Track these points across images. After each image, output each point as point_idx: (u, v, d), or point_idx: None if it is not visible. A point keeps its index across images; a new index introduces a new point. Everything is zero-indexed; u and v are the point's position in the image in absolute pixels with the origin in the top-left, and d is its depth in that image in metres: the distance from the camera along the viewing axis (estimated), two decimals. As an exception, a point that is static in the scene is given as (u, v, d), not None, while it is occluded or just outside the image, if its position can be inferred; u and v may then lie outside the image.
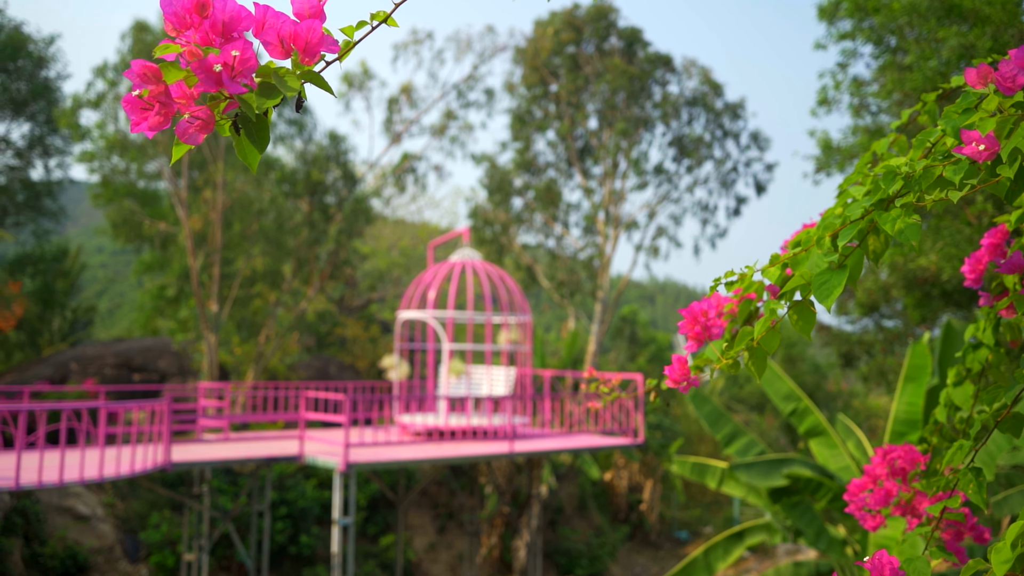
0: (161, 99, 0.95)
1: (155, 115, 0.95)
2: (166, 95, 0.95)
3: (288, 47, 1.01)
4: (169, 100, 0.95)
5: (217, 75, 0.95)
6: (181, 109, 0.96)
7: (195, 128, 0.96)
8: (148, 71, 0.94)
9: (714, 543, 11.51)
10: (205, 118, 0.96)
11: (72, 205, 37.43)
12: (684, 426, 27.11)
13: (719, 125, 26.69)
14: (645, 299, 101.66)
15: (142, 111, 0.95)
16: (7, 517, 13.62)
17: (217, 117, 0.97)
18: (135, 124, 0.97)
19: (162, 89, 0.95)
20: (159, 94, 0.95)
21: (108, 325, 45.74)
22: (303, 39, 1.01)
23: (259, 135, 1.01)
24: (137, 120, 0.96)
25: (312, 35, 1.02)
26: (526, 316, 14.30)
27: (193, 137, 0.97)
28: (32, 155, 27.73)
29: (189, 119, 0.96)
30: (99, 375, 19.12)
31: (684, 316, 1.38)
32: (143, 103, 0.95)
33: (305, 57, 1.01)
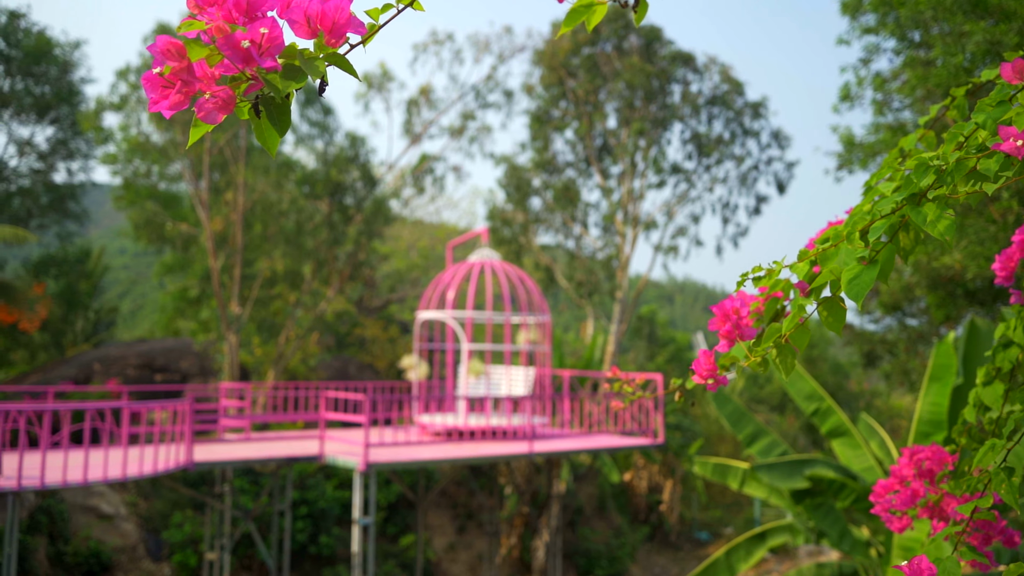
0: (183, 76, 0.93)
1: (176, 93, 0.93)
2: (188, 72, 0.93)
3: (315, 27, 0.99)
4: (191, 78, 0.93)
5: (245, 52, 0.92)
6: (202, 88, 0.94)
7: (214, 106, 0.94)
8: (171, 47, 0.92)
9: (736, 544, 11.43)
10: (225, 97, 0.94)
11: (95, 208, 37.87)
12: (704, 426, 26.97)
13: (739, 123, 26.52)
14: (664, 299, 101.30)
15: (162, 89, 0.93)
16: (32, 516, 13.78)
17: (237, 98, 0.95)
18: (154, 103, 0.94)
19: (185, 66, 0.92)
20: (181, 71, 0.92)
21: (130, 326, 46.20)
22: (331, 19, 0.99)
23: (280, 118, 0.99)
24: (156, 98, 0.94)
25: (340, 15, 0.99)
26: (545, 316, 14.27)
27: (212, 116, 0.95)
28: (56, 158, 28.07)
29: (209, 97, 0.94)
30: (122, 375, 19.31)
31: (715, 313, 1.35)
32: (164, 81, 0.93)
33: (331, 38, 0.99)
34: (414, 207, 25.67)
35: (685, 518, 24.09)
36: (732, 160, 26.36)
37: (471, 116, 21.35)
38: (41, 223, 28.11)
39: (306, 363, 19.96)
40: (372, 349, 23.83)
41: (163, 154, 17.98)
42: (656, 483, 22.89)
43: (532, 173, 26.42)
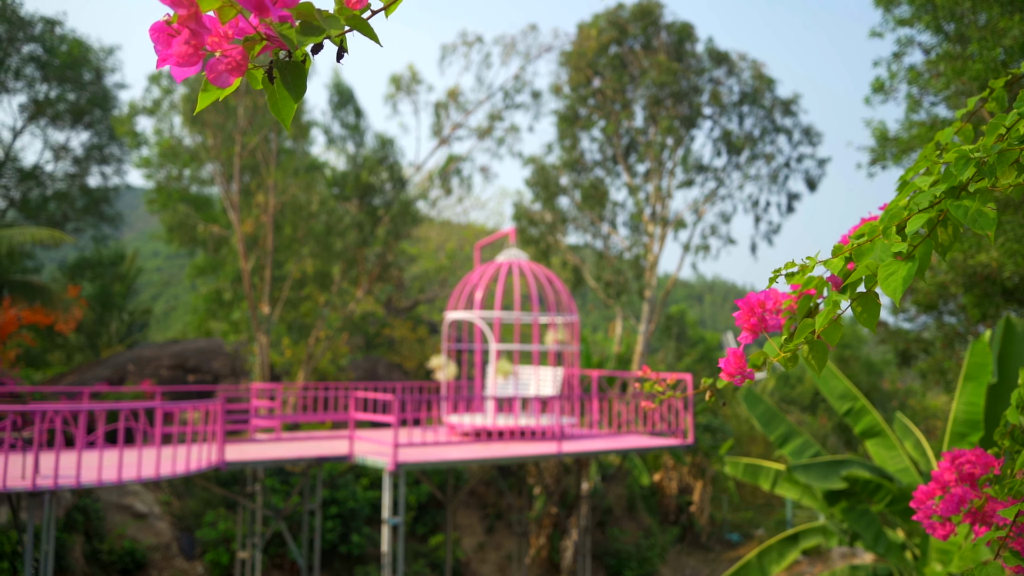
0: (191, 25, 0.87)
1: (182, 43, 0.87)
2: (196, 20, 0.87)
3: None
4: (200, 27, 0.87)
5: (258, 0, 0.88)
6: (212, 47, 0.88)
7: (225, 67, 0.89)
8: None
9: (768, 546, 11.30)
10: (238, 58, 0.89)
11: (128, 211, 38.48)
12: (734, 427, 26.74)
13: (770, 120, 26.24)
14: (693, 298, 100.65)
15: (169, 38, 0.88)
16: (69, 514, 14.02)
17: (251, 63, 0.91)
18: (161, 57, 0.88)
19: (192, 13, 0.87)
20: (189, 18, 0.87)
21: (164, 327, 46.88)
22: None
23: (295, 82, 0.93)
24: (164, 52, 0.88)
25: None
26: (573, 316, 14.23)
27: (223, 78, 0.90)
28: (90, 162, 28.58)
29: (220, 57, 0.89)
30: (155, 376, 19.58)
31: (740, 307, 1.32)
32: (171, 30, 0.87)
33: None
34: (442, 208, 25.75)
35: (716, 519, 23.89)
36: (763, 157, 26.09)
37: (499, 117, 21.35)
38: (77, 226, 28.64)
39: (336, 363, 20.09)
40: (401, 350, 23.93)
41: (195, 157, 18.20)
42: (686, 484, 22.73)
43: (560, 172, 26.37)
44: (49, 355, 26.55)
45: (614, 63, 25.68)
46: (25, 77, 26.81)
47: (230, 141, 17.28)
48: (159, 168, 18.81)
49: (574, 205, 26.57)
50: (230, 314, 19.34)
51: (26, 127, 27.40)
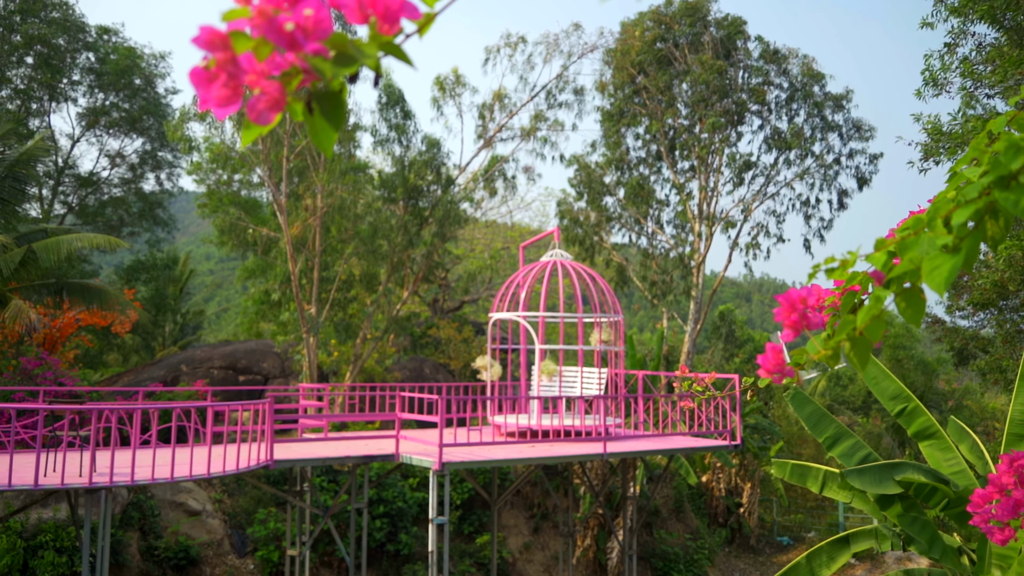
0: (228, 68, 0.89)
1: (222, 87, 0.90)
2: (233, 64, 0.89)
3: (366, 12, 0.96)
4: (237, 70, 0.89)
5: (289, 35, 0.89)
6: (251, 85, 0.90)
7: (265, 104, 0.92)
8: (215, 38, 0.89)
9: (818, 549, 11.09)
10: (276, 94, 0.92)
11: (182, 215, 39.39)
12: (784, 428, 26.30)
13: (820, 116, 25.75)
14: (741, 297, 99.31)
15: (208, 83, 0.90)
16: (125, 511, 14.39)
17: (289, 96, 0.93)
18: (203, 101, 0.92)
19: (228, 58, 0.89)
20: (226, 62, 0.89)
21: (216, 329, 47.88)
22: (382, 3, 0.96)
23: (334, 112, 0.95)
24: (204, 95, 0.91)
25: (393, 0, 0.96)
26: (618, 316, 14.14)
27: (264, 116, 0.92)
28: (145, 168, 29.34)
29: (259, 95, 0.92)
30: (207, 376, 19.99)
31: (780, 303, 1.29)
32: (209, 74, 0.91)
33: (384, 24, 0.95)
34: (486, 209, 25.83)
35: (765, 521, 23.53)
36: (813, 154, 25.61)
37: (542, 117, 21.33)
38: (132, 231, 29.43)
39: (382, 364, 20.27)
40: (447, 350, 24.06)
41: (244, 161, 18.54)
42: (735, 485, 22.43)
43: (604, 171, 26.25)
44: (106, 356, 27.32)
45: (659, 60, 25.46)
46: (82, 85, 27.64)
47: (278, 144, 17.56)
48: (210, 173, 19.20)
49: (618, 204, 26.41)
50: (279, 315, 19.66)
51: (83, 135, 28.24)
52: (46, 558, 12.64)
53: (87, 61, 27.40)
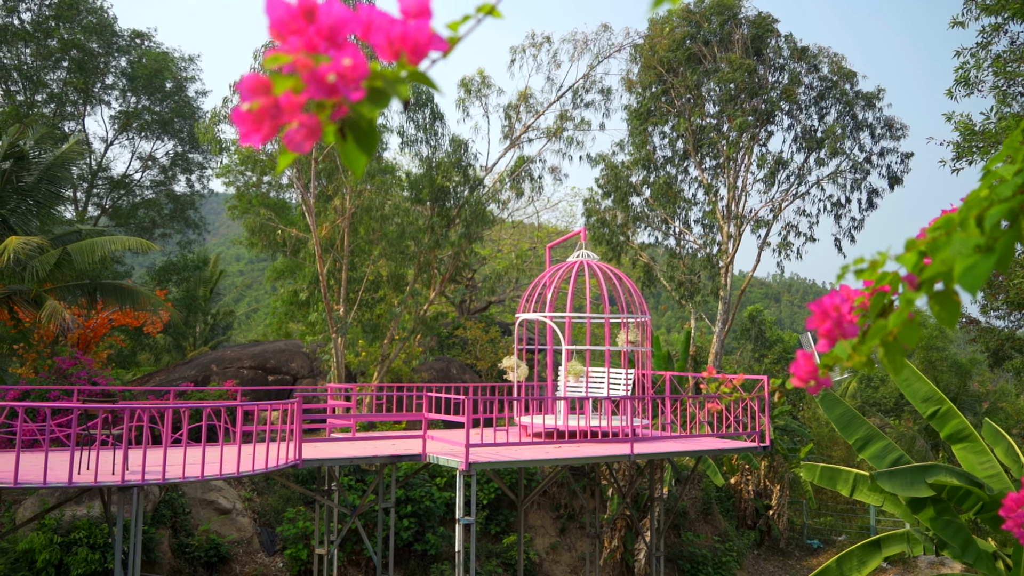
0: (271, 112, 0.95)
1: (265, 127, 0.96)
2: (275, 108, 0.95)
3: (396, 48, 0.99)
4: (278, 112, 0.95)
5: (332, 85, 0.94)
6: (288, 118, 0.96)
7: (302, 136, 0.96)
8: (258, 85, 0.94)
9: (848, 552, 10.95)
10: (312, 126, 0.96)
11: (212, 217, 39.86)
12: (814, 430, 26.01)
13: (851, 115, 25.44)
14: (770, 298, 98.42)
15: (253, 124, 0.96)
16: (157, 509, 14.59)
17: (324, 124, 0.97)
18: (244, 136, 0.97)
19: (272, 102, 0.95)
20: (269, 107, 0.95)
21: (246, 329, 48.39)
22: (412, 40, 0.99)
23: (366, 141, 1.00)
24: (246, 132, 0.97)
25: (421, 35, 0.99)
26: (645, 317, 14.08)
27: (300, 145, 0.97)
28: (175, 170, 29.76)
29: (297, 127, 0.96)
30: (237, 376, 20.21)
31: (813, 311, 1.27)
32: (253, 116, 0.96)
33: (412, 57, 0.99)
34: (513, 209, 25.83)
35: (795, 524, 23.29)
36: (843, 153, 25.30)
37: (569, 117, 21.29)
38: (163, 232, 29.86)
39: (409, 364, 20.35)
40: (473, 350, 24.11)
41: (273, 163, 18.71)
42: (763, 487, 22.22)
43: (630, 170, 26.13)
44: (138, 355, 27.73)
45: (688, 59, 25.29)
46: (115, 89, 28.09)
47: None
48: (239, 175, 19.42)
49: (645, 203, 26.29)
50: (308, 315, 19.82)
51: (116, 138, 28.70)
52: (80, 554, 12.85)
53: (120, 65, 27.85)
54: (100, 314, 18.93)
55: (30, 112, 24.66)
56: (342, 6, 1.01)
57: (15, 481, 8.41)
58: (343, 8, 1.02)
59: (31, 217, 16.21)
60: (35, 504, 13.63)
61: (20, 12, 25.76)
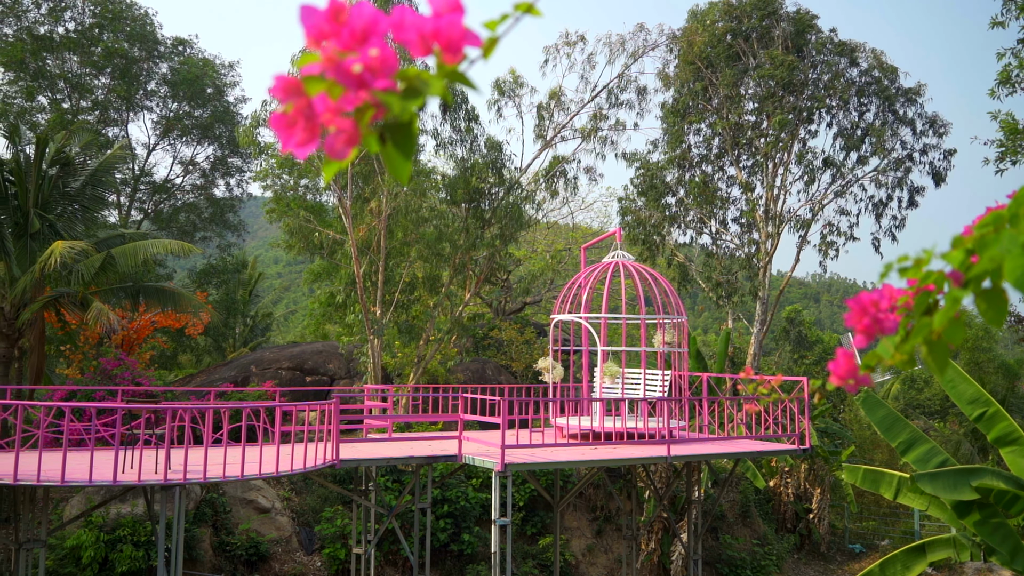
0: (305, 113, 0.95)
1: (301, 130, 0.96)
2: (309, 108, 0.95)
3: (429, 44, 1.00)
4: (313, 114, 0.96)
5: (358, 76, 0.94)
6: (326, 123, 0.96)
7: (342, 142, 0.97)
8: (290, 85, 0.95)
9: (892, 557, 10.75)
10: (351, 131, 0.97)
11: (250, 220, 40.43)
12: (856, 432, 25.58)
13: (892, 112, 24.98)
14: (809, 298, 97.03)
15: (288, 127, 0.97)
16: (198, 508, 14.82)
17: (363, 130, 0.97)
18: (284, 143, 0.98)
19: (305, 103, 0.95)
20: (302, 108, 0.95)
21: (284, 331, 48.98)
22: (445, 36, 0.99)
23: (405, 143, 1.00)
24: (285, 139, 0.97)
25: (454, 31, 1.00)
26: (681, 317, 13.96)
27: (341, 152, 0.98)
28: (215, 175, 30.24)
29: (335, 133, 0.97)
30: (276, 377, 20.46)
31: (851, 307, 1.25)
32: (288, 119, 0.96)
33: (447, 55, 0.99)
34: (548, 210, 25.80)
35: (836, 528, 22.91)
36: (885, 150, 24.85)
37: (603, 116, 21.21)
38: (204, 235, 30.35)
39: (445, 365, 20.43)
40: (509, 351, 24.12)
41: (311, 166, 18.93)
42: (804, 490, 21.90)
43: (666, 169, 25.94)
44: (180, 357, 28.21)
45: (727, 55, 25.03)
46: (157, 95, 28.64)
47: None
48: (277, 178, 19.67)
49: (680, 203, 26.08)
50: (344, 317, 20.00)
51: (158, 143, 29.26)
52: (124, 552, 13.11)
53: (162, 72, 28.38)
54: (143, 316, 19.30)
55: (75, 119, 25.23)
56: (372, 7, 1.02)
57: (62, 479, 8.60)
58: (373, 9, 1.02)
59: (77, 222, 16.58)
60: (81, 502, 13.94)
61: (65, 21, 26.38)
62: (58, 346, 20.22)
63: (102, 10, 26.44)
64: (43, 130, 22.50)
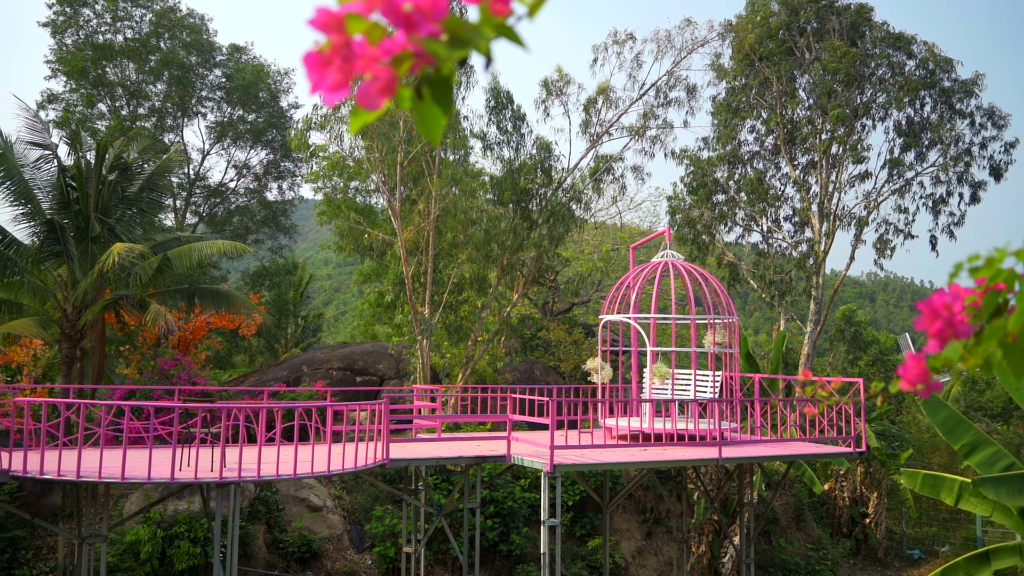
0: (342, 52, 0.91)
1: (335, 71, 0.92)
2: (347, 48, 0.91)
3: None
4: (350, 54, 0.91)
5: (407, 16, 0.90)
6: (362, 70, 0.92)
7: (376, 89, 0.93)
8: (330, 19, 0.91)
9: (953, 564, 10.43)
10: (387, 79, 0.93)
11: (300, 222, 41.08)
12: (914, 435, 24.92)
13: (948, 104, 24.27)
14: (864, 297, 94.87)
15: (322, 67, 0.92)
16: (252, 505, 15.09)
17: (399, 81, 0.94)
18: (314, 84, 0.94)
19: (344, 40, 0.91)
20: (340, 46, 0.91)
21: (334, 331, 49.66)
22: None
23: (443, 97, 0.96)
24: (317, 79, 0.93)
25: None
26: (732, 317, 13.75)
27: (374, 101, 0.93)
28: (268, 178, 30.80)
29: (370, 80, 0.93)
30: (327, 377, 20.73)
31: (922, 311, 1.19)
32: (323, 58, 0.92)
33: (495, 4, 0.95)
34: (596, 210, 25.66)
35: (894, 533, 22.34)
36: (943, 144, 24.14)
37: (652, 115, 21.01)
38: (256, 238, 30.92)
39: (493, 366, 20.46)
40: (557, 352, 24.06)
41: (360, 168, 19.13)
42: (860, 494, 21.41)
43: (716, 166, 25.57)
44: (234, 357, 28.78)
45: (781, 49, 24.58)
46: (213, 101, 29.28)
47: (393, 152, 18.03)
48: (327, 180, 19.93)
49: (731, 201, 25.69)
50: (393, 318, 20.17)
51: (212, 148, 29.91)
52: (182, 548, 13.41)
53: (217, 78, 29.01)
54: (198, 317, 19.73)
55: (133, 125, 25.93)
56: None
57: (122, 476, 8.83)
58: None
59: (135, 225, 17.03)
60: (140, 499, 14.30)
61: (124, 30, 27.14)
62: (118, 347, 20.79)
63: (159, 19, 27.14)
64: (103, 137, 23.18)
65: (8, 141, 15.49)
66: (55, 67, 26.50)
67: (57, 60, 26.42)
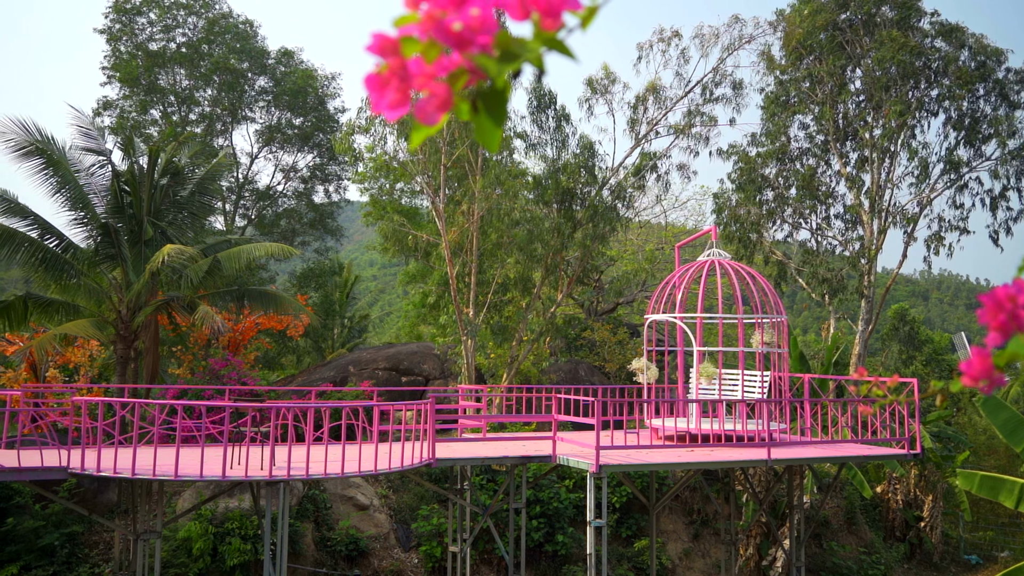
0: (399, 74, 0.96)
1: (393, 91, 0.96)
2: (403, 69, 0.96)
3: (528, 8, 0.99)
4: (407, 75, 0.96)
5: (457, 34, 0.94)
6: (419, 88, 0.96)
7: (433, 106, 0.97)
8: (386, 44, 0.95)
9: (1015, 570, 10.11)
10: (444, 95, 0.96)
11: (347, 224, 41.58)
12: (970, 436, 24.26)
13: (1003, 96, 23.55)
14: (917, 296, 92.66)
15: (381, 87, 0.97)
16: (301, 504, 15.30)
17: (456, 95, 0.97)
18: (375, 104, 0.99)
19: (400, 63, 0.96)
20: (397, 68, 0.96)
21: (380, 332, 50.15)
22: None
23: (498, 110, 0.99)
24: (377, 99, 0.98)
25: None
26: (781, 317, 13.53)
27: (432, 116, 0.98)
28: (315, 181, 31.24)
29: (427, 97, 0.96)
30: (373, 377, 20.93)
31: (984, 303, 1.15)
32: (382, 79, 0.97)
33: (546, 19, 0.98)
34: (640, 209, 25.47)
35: (950, 537, 21.76)
36: (1000, 137, 23.42)
37: (698, 112, 20.78)
38: (303, 240, 31.38)
39: (538, 366, 20.44)
40: (602, 352, 23.95)
41: (405, 171, 19.28)
42: (914, 497, 20.90)
43: (764, 163, 25.16)
44: (282, 357, 29.23)
45: (832, 44, 24.09)
46: (260, 104, 29.80)
47: (437, 154, 18.14)
48: (373, 182, 20.12)
49: (780, 198, 25.26)
50: (438, 318, 20.29)
51: (261, 151, 30.43)
52: (233, 544, 13.66)
53: (266, 83, 29.52)
54: (247, 318, 20.08)
55: (184, 130, 26.51)
56: None
57: (175, 474, 9.02)
58: (471, -29, 1.01)
59: (187, 228, 17.40)
60: (192, 496, 14.60)
61: (176, 37, 27.76)
62: (170, 347, 21.27)
63: (211, 26, 27.70)
64: (155, 142, 23.73)
65: (63, 148, 15.94)
66: (110, 74, 27.23)
67: (112, 67, 27.14)
